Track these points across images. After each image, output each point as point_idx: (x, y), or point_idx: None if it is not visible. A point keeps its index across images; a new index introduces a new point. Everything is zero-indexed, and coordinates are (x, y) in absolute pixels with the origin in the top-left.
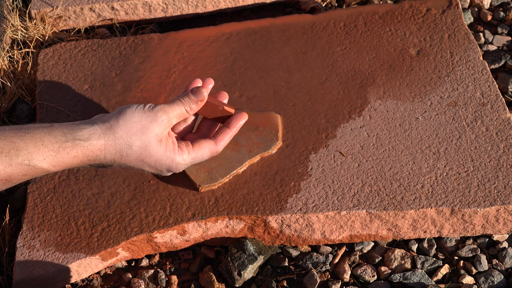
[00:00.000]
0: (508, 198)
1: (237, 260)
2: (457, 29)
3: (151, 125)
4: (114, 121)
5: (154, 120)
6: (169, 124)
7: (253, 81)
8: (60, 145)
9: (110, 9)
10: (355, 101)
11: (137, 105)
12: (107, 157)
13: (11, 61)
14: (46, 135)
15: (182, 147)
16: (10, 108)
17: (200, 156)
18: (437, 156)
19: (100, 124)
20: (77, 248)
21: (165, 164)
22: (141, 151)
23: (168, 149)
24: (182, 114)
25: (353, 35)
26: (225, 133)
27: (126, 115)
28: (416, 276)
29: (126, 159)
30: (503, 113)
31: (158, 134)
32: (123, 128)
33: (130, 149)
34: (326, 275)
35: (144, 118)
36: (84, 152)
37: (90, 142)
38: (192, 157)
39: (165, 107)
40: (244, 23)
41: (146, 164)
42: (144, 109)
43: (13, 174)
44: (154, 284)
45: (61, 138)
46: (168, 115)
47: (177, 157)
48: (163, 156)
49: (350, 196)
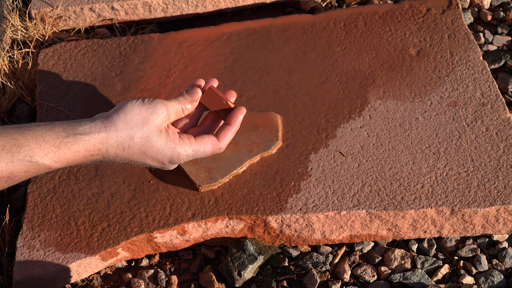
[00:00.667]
0: (508, 198)
1: (237, 260)
2: (457, 29)
3: (151, 116)
4: (114, 114)
5: (154, 112)
6: (168, 117)
7: (253, 81)
8: (61, 140)
9: (110, 9)
10: (355, 101)
11: (137, 99)
12: (110, 150)
13: (11, 61)
14: (47, 132)
15: (183, 138)
16: (10, 108)
17: (202, 150)
18: (437, 156)
19: (101, 119)
20: (77, 248)
21: (166, 154)
22: (143, 142)
23: (169, 139)
24: (179, 111)
25: (353, 35)
26: (227, 130)
27: (126, 108)
28: (416, 276)
29: (128, 151)
30: (503, 113)
31: (158, 125)
32: (124, 120)
33: (131, 140)
34: (326, 275)
35: (144, 110)
36: (86, 146)
37: (91, 135)
38: (193, 149)
39: (164, 101)
40: (244, 23)
41: (148, 156)
42: (143, 102)
43: (15, 171)
44: (154, 284)
45: (62, 134)
46: (167, 108)
47: (179, 147)
48: (164, 147)
49: (350, 196)
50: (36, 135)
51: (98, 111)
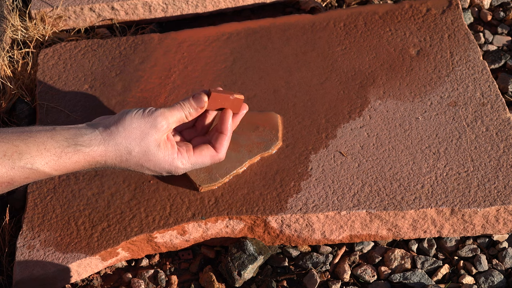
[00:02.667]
0: (508, 198)
1: (237, 260)
2: (457, 29)
3: (150, 131)
4: (114, 127)
5: (153, 126)
6: (168, 129)
7: (253, 81)
8: (62, 150)
9: (110, 9)
10: (355, 101)
11: (137, 110)
12: (108, 162)
13: (11, 61)
14: (48, 140)
15: (181, 151)
16: (10, 108)
17: (200, 162)
18: (437, 156)
19: (101, 130)
20: (77, 248)
21: (164, 168)
22: (140, 156)
23: (166, 153)
24: (181, 119)
25: (353, 35)
26: (221, 139)
27: (125, 121)
28: (416, 276)
29: (126, 163)
30: (503, 113)
31: (156, 139)
32: (123, 134)
33: (129, 154)
34: (326, 275)
35: (143, 123)
36: (86, 157)
37: (91, 148)
38: (191, 162)
39: (165, 111)
40: (244, 23)
41: (145, 167)
42: (143, 114)
43: (15, 177)
44: (154, 284)
45: (63, 143)
46: (167, 120)
47: (176, 160)
48: (162, 161)
49: (350, 196)
50: (38, 143)
51: (98, 111)
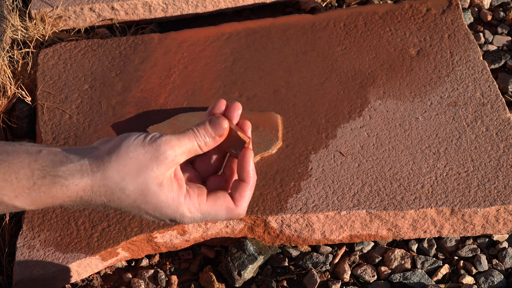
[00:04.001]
0: (508, 198)
1: (237, 260)
2: (457, 29)
3: (150, 164)
4: (106, 156)
5: (155, 158)
6: (174, 163)
7: (253, 81)
8: (34, 181)
9: (110, 9)
10: (355, 101)
11: (137, 136)
12: (95, 199)
13: (11, 61)
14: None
15: (191, 194)
16: (10, 108)
17: (213, 214)
18: (437, 156)
19: (90, 158)
20: (77, 248)
21: (166, 213)
22: (136, 196)
23: (170, 195)
24: (194, 150)
25: (353, 35)
26: (243, 188)
27: (121, 150)
28: (416, 276)
29: (119, 203)
30: (503, 113)
31: (158, 175)
32: (115, 166)
33: (122, 193)
34: (326, 275)
35: (142, 154)
36: (64, 191)
37: (71, 181)
38: (202, 212)
39: (172, 139)
40: (244, 23)
41: (143, 211)
42: (143, 142)
43: None
44: (154, 284)
45: (38, 173)
46: (174, 150)
47: (183, 207)
48: (164, 205)
49: (350, 196)
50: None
51: (98, 111)
